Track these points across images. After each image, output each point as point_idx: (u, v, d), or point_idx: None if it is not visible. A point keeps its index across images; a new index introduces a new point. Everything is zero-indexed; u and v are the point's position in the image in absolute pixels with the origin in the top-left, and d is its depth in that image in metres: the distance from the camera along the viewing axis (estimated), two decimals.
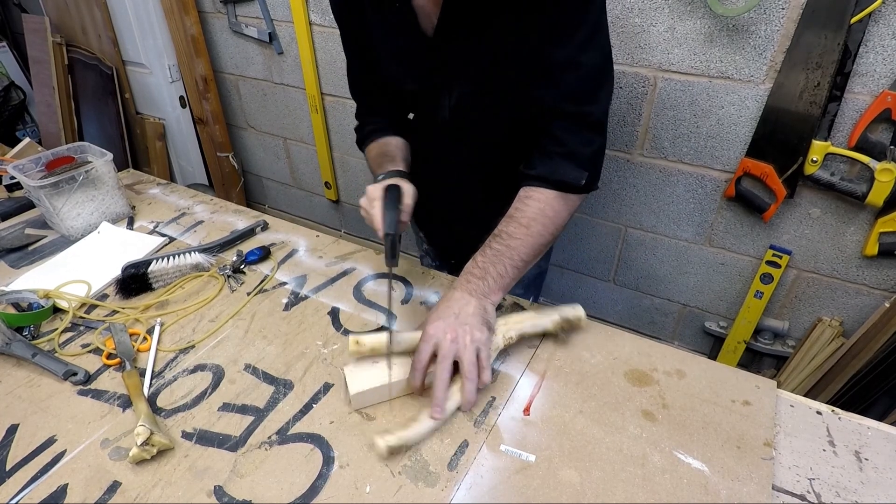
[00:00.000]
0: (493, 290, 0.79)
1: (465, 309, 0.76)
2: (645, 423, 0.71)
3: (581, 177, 0.82)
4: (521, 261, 0.81)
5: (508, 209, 0.84)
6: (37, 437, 0.72)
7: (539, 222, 0.81)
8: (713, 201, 1.49)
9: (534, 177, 0.83)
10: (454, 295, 0.79)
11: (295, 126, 2.21)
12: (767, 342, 1.61)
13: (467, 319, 0.74)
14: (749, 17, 1.21)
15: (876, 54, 1.14)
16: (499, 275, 0.79)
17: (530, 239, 0.80)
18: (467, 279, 0.80)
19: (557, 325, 0.83)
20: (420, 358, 0.73)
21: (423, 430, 0.69)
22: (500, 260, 0.80)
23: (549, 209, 0.82)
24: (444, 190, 1.08)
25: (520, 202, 0.83)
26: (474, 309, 0.76)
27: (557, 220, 0.83)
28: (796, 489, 0.64)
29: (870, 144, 1.21)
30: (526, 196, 0.83)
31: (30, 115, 2.89)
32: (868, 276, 1.39)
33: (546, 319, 0.83)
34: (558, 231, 0.85)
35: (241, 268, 1.04)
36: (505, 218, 0.83)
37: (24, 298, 0.94)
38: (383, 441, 0.66)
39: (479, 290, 0.78)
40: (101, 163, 1.15)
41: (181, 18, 2.06)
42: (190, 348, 0.86)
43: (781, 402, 0.75)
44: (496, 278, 0.79)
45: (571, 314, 0.84)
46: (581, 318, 0.85)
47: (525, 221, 0.81)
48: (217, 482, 0.65)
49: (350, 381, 0.74)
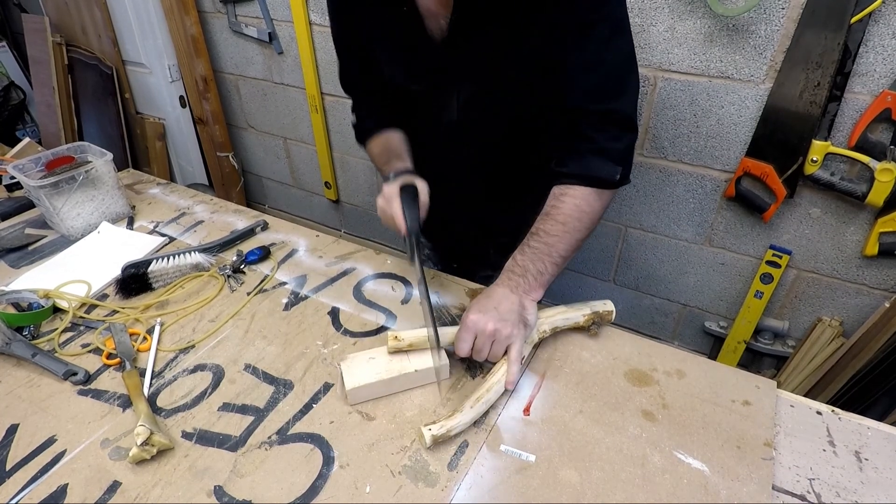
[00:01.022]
0: (532, 288, 0.81)
1: (503, 304, 0.77)
2: (645, 423, 0.71)
3: (615, 172, 0.83)
4: (560, 257, 0.82)
5: (543, 207, 0.85)
6: (37, 437, 0.72)
7: (576, 218, 0.82)
8: (713, 201, 1.49)
9: (567, 174, 0.84)
10: (496, 290, 0.80)
11: (295, 126, 2.21)
12: (767, 342, 1.61)
13: (505, 315, 0.76)
14: (749, 17, 1.21)
15: (876, 54, 1.14)
16: (538, 272, 0.81)
17: (567, 236, 0.82)
18: (508, 276, 0.82)
19: (589, 318, 0.85)
20: (462, 347, 0.75)
21: (466, 419, 0.70)
22: (539, 258, 0.81)
23: (585, 205, 0.83)
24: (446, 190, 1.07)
25: (555, 199, 0.84)
26: (513, 305, 0.78)
27: (593, 216, 0.84)
28: (796, 489, 0.64)
29: (870, 144, 1.21)
30: (561, 193, 0.84)
31: (30, 115, 2.89)
32: (868, 276, 1.38)
33: (577, 313, 0.85)
34: (594, 226, 0.86)
35: (241, 268, 1.04)
36: (541, 216, 0.84)
37: (24, 298, 0.94)
38: (429, 431, 0.67)
39: (520, 287, 0.80)
40: (101, 163, 1.15)
41: (181, 18, 2.06)
42: (190, 348, 0.86)
43: (781, 402, 0.75)
44: (536, 276, 0.81)
45: (602, 308, 0.86)
46: (612, 312, 0.86)
47: (562, 219, 0.82)
48: (217, 482, 0.65)
49: (346, 377, 0.74)
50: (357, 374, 0.75)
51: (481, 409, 0.71)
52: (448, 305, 0.94)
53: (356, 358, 0.78)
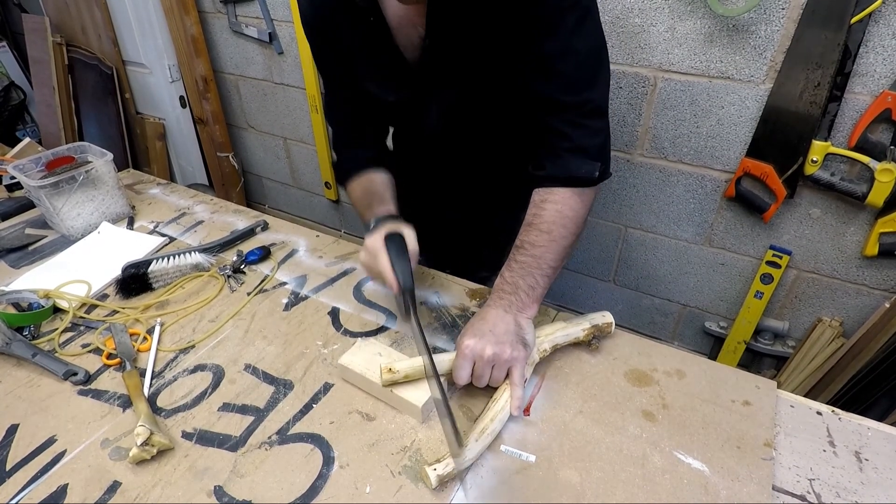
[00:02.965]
0: (526, 305, 0.77)
1: (499, 325, 0.74)
2: (645, 423, 0.71)
3: (594, 169, 0.80)
4: (550, 268, 0.78)
5: (525, 216, 0.82)
6: (37, 437, 0.72)
7: (560, 225, 0.79)
8: (713, 201, 1.49)
9: (545, 177, 0.81)
10: (488, 312, 0.76)
11: (295, 126, 2.21)
12: (767, 342, 1.61)
13: (502, 337, 0.72)
14: (749, 17, 1.21)
15: (876, 54, 1.14)
16: (530, 287, 0.77)
17: (554, 244, 0.78)
18: (499, 296, 0.78)
19: (589, 332, 0.82)
20: (460, 375, 0.72)
21: (471, 454, 0.66)
22: (528, 272, 0.78)
23: (567, 209, 0.79)
24: (433, 199, 1.07)
25: (536, 207, 0.81)
26: (509, 325, 0.74)
27: (577, 219, 0.81)
28: (796, 489, 0.64)
29: (870, 144, 1.21)
30: (541, 200, 0.80)
31: (30, 115, 2.89)
32: (868, 276, 1.38)
33: (577, 328, 0.82)
34: (580, 229, 0.82)
35: (241, 268, 1.04)
36: (524, 227, 0.81)
37: (24, 298, 0.94)
38: (434, 472, 0.63)
39: (513, 306, 0.76)
40: (101, 163, 1.15)
41: (181, 18, 2.06)
42: (190, 348, 0.86)
43: (781, 403, 0.75)
44: (527, 291, 0.77)
45: (601, 321, 0.83)
46: (611, 324, 0.83)
47: (545, 227, 0.78)
48: (217, 482, 0.65)
49: (351, 353, 0.77)
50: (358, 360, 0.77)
51: (487, 441, 0.68)
52: (448, 305, 0.94)
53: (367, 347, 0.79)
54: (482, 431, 0.67)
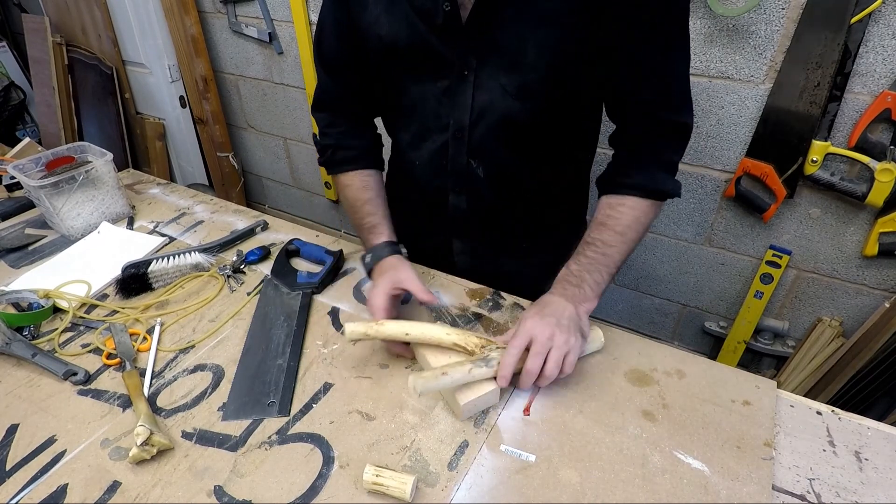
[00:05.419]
0: (588, 298, 0.80)
1: (563, 313, 0.76)
2: (645, 423, 0.71)
3: (679, 186, 0.85)
4: (616, 268, 0.82)
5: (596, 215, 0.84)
6: (37, 437, 0.72)
7: (634, 230, 0.82)
8: (713, 201, 1.49)
9: (632, 186, 0.82)
10: (552, 299, 0.79)
11: (295, 126, 2.21)
12: (767, 342, 1.61)
13: (564, 322, 0.74)
14: (749, 17, 1.21)
15: (876, 54, 1.14)
16: (595, 283, 0.80)
17: (625, 246, 0.82)
18: (563, 286, 0.80)
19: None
20: (513, 352, 0.72)
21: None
22: (596, 268, 0.81)
23: (643, 217, 0.83)
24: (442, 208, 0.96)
25: (612, 210, 0.83)
26: (571, 314, 0.76)
27: (648, 226, 0.85)
28: (796, 489, 0.64)
29: (870, 144, 1.22)
30: (619, 204, 0.83)
31: (30, 115, 2.89)
32: (868, 276, 1.39)
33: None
34: (645, 235, 0.86)
35: (241, 268, 1.04)
36: (596, 225, 0.83)
37: (24, 298, 0.94)
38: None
39: (576, 297, 0.79)
40: (101, 163, 1.15)
41: (181, 18, 2.07)
42: (190, 348, 0.86)
43: (781, 402, 0.75)
44: (592, 286, 0.80)
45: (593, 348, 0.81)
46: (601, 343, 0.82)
47: (620, 229, 0.81)
48: (217, 482, 0.65)
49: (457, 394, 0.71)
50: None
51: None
52: (448, 305, 0.94)
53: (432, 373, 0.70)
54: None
